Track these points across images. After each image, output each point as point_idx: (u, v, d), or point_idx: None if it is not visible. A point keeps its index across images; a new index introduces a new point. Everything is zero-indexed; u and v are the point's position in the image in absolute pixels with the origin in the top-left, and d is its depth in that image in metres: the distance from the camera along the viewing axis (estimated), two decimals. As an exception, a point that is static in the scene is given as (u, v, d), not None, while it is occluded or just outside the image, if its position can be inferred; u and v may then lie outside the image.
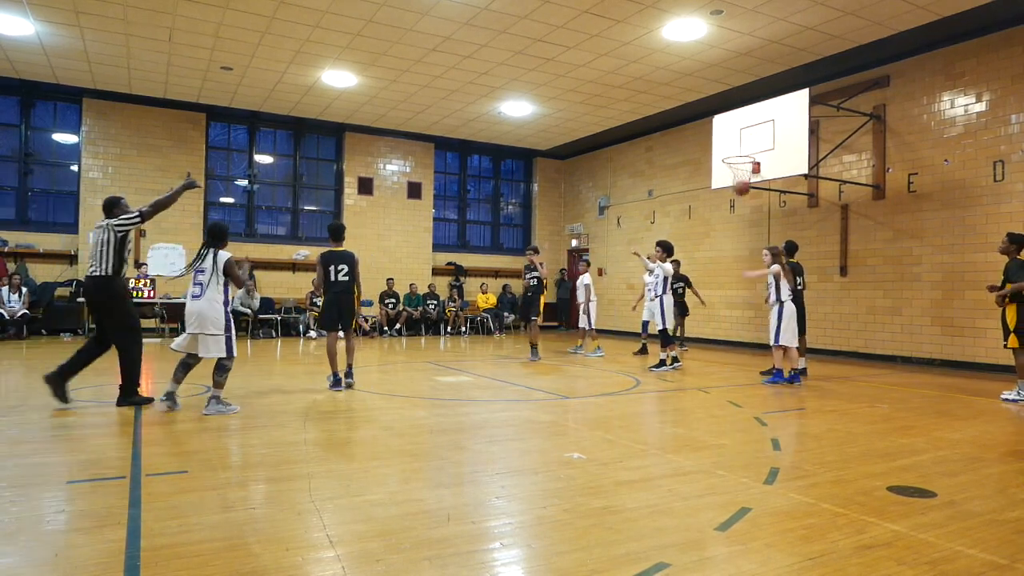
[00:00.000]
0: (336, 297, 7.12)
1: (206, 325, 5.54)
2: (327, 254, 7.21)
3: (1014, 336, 6.80)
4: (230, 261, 5.65)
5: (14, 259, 12.92)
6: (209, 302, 5.56)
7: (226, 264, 5.62)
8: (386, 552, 2.70)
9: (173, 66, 11.60)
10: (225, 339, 5.60)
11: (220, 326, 5.57)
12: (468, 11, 9.16)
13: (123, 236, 5.85)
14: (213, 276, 5.59)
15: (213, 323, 5.55)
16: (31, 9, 9.35)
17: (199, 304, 5.55)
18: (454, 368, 9.16)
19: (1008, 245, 7.06)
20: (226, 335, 5.60)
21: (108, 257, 5.78)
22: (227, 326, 5.61)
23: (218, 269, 5.60)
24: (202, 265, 5.63)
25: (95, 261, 5.80)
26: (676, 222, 14.79)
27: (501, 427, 5.38)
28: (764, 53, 10.45)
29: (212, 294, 5.57)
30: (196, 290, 5.59)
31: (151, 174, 13.84)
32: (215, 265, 5.61)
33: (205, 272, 5.60)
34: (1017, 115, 9.19)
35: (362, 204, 15.98)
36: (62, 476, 3.73)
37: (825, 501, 3.45)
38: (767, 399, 6.92)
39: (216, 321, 5.55)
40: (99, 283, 5.78)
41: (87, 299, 6.00)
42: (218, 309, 5.56)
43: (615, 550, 2.75)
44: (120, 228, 5.83)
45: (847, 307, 11.28)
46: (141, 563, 2.55)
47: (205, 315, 5.53)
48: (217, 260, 5.62)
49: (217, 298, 5.57)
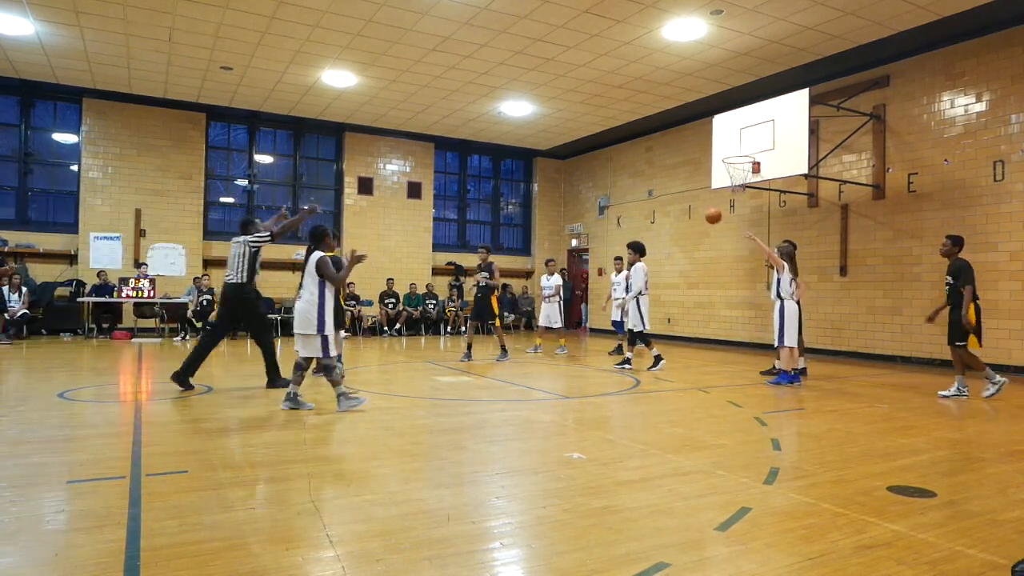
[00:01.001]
0: None
1: (303, 325, 5.69)
2: None
3: (974, 337, 6.97)
4: (320, 260, 5.73)
5: (14, 259, 12.92)
6: (306, 303, 5.70)
7: (317, 264, 5.71)
8: (386, 552, 2.70)
9: (173, 66, 11.61)
10: (321, 339, 5.68)
11: (314, 326, 5.65)
12: (468, 11, 9.16)
13: (255, 251, 6.84)
14: (309, 277, 5.73)
15: (308, 323, 5.67)
16: (31, 9, 9.34)
17: (298, 305, 5.76)
18: (454, 368, 9.16)
19: (951, 247, 7.22)
20: (321, 335, 5.67)
21: (243, 267, 6.77)
22: (321, 326, 5.66)
23: (311, 271, 5.73)
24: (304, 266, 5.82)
25: (232, 270, 6.77)
26: (676, 222, 14.79)
27: (501, 427, 5.38)
28: (764, 53, 10.45)
29: (308, 295, 5.71)
30: (300, 292, 5.80)
31: (151, 174, 13.85)
32: (308, 266, 5.76)
33: (305, 274, 5.77)
34: (1017, 115, 9.19)
35: (362, 204, 15.98)
36: (62, 476, 3.73)
37: (825, 501, 3.45)
38: (767, 399, 6.92)
39: (311, 321, 5.65)
40: (235, 288, 6.77)
41: (224, 301, 6.97)
42: (313, 310, 5.66)
43: (615, 550, 2.75)
44: (254, 244, 6.81)
45: (847, 307, 11.29)
46: (141, 563, 2.55)
47: (302, 315, 5.69)
48: (309, 261, 5.77)
49: (312, 299, 5.68)
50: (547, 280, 11.83)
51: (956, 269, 7.06)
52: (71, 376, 7.79)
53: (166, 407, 6.05)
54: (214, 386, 7.08)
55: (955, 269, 7.07)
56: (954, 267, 7.09)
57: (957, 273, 7.02)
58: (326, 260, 5.74)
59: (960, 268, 7.01)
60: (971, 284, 6.91)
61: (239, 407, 6.10)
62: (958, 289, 6.98)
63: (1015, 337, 9.14)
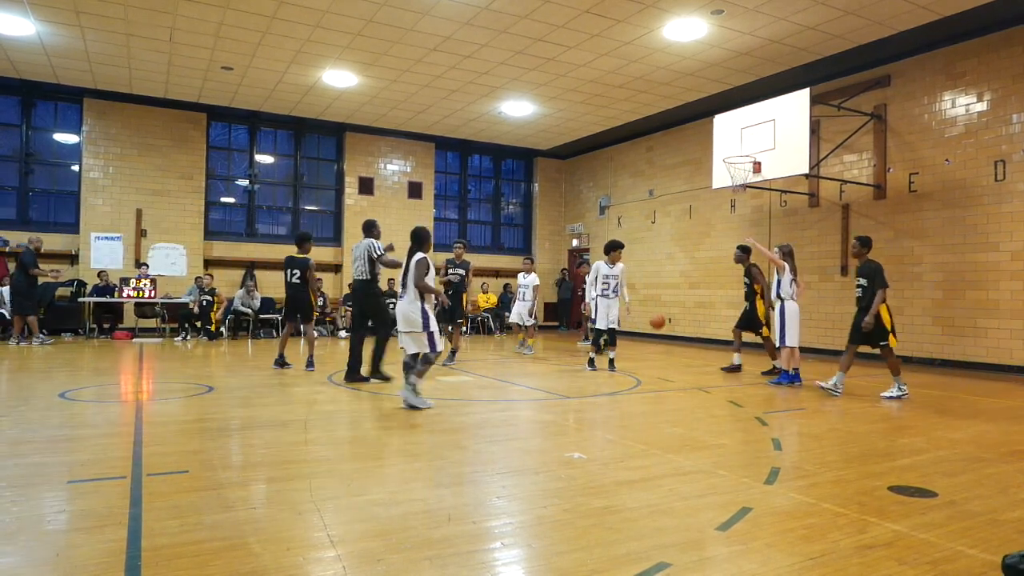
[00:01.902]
0: (290, 297, 8.62)
1: (408, 324, 5.82)
2: (287, 259, 8.67)
3: (892, 336, 7.04)
4: (418, 262, 5.85)
5: (15, 259, 12.93)
6: (408, 303, 5.82)
7: (414, 265, 5.85)
8: (387, 552, 2.70)
9: (174, 66, 11.61)
10: (427, 335, 5.79)
11: (418, 324, 5.77)
12: (468, 11, 9.16)
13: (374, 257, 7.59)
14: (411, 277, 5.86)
15: (413, 322, 5.80)
16: (32, 9, 9.35)
17: (400, 305, 5.88)
18: (454, 368, 9.16)
19: (860, 248, 7.27)
20: (427, 332, 5.78)
21: (366, 267, 7.57)
22: (425, 324, 5.78)
23: (411, 270, 5.85)
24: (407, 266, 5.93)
25: (357, 270, 7.62)
26: (677, 222, 14.79)
27: (501, 427, 5.38)
28: (765, 53, 10.45)
29: (411, 295, 5.81)
30: (401, 291, 5.94)
31: (152, 174, 13.86)
32: (411, 268, 5.87)
33: (408, 275, 5.90)
34: (1018, 115, 9.18)
35: (363, 204, 15.98)
36: (63, 476, 3.73)
37: (826, 501, 3.45)
38: (768, 399, 6.91)
39: (415, 320, 5.78)
40: (363, 284, 7.59)
41: (353, 296, 7.91)
42: (416, 308, 5.77)
43: (615, 550, 2.75)
44: (374, 250, 7.59)
45: (848, 307, 11.22)
46: (142, 563, 2.55)
47: (405, 315, 5.82)
48: (410, 262, 5.88)
49: (415, 299, 5.80)
50: (524, 278, 11.67)
51: (869, 271, 7.07)
52: (72, 376, 7.80)
53: (167, 407, 6.06)
54: (215, 386, 7.08)
55: (868, 271, 7.08)
56: (866, 269, 7.11)
57: (871, 275, 7.05)
58: (421, 263, 5.85)
59: (874, 271, 7.04)
60: (885, 286, 6.97)
61: (240, 407, 6.10)
62: (871, 291, 7.02)
63: (1016, 337, 9.13)
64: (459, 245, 9.95)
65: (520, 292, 11.69)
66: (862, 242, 7.28)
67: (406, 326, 5.83)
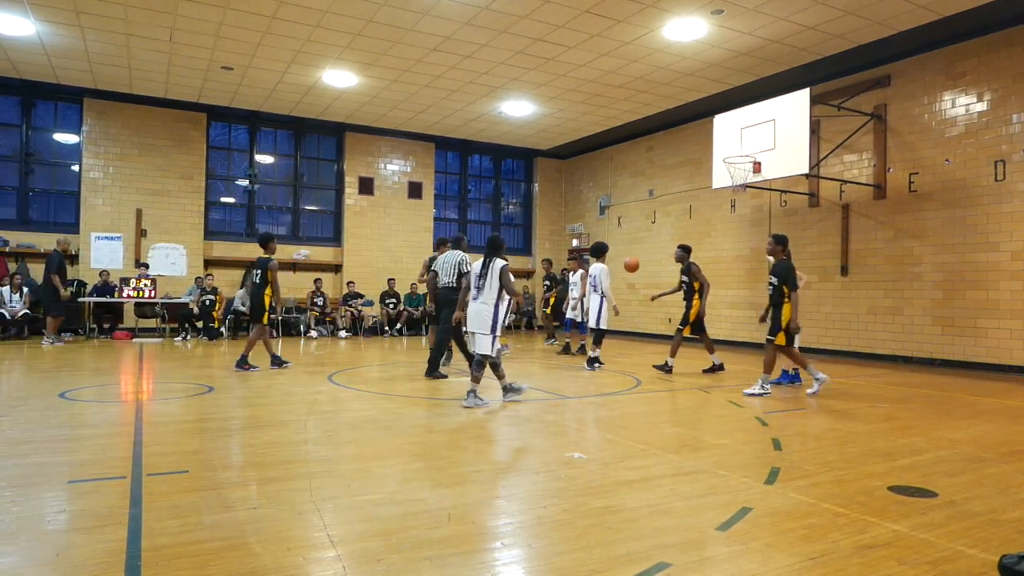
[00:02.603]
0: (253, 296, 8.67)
1: (479, 324, 6.17)
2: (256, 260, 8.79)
3: (783, 334, 7.06)
4: (504, 269, 6.20)
5: (15, 259, 12.94)
6: (483, 304, 6.17)
7: (500, 272, 6.17)
8: (387, 552, 2.70)
9: (174, 66, 11.61)
10: (491, 339, 6.14)
11: (488, 327, 6.12)
12: (468, 11, 9.16)
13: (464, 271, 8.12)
14: (488, 282, 6.17)
15: (483, 323, 6.14)
16: (32, 9, 9.35)
17: (475, 306, 6.23)
18: (454, 368, 9.15)
19: (774, 247, 7.31)
20: (492, 335, 6.13)
21: (454, 277, 8.27)
22: (493, 327, 6.13)
23: (493, 276, 6.17)
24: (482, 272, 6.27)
25: (446, 276, 8.36)
26: (677, 222, 14.79)
27: (501, 427, 5.38)
28: (765, 53, 10.45)
29: (487, 298, 6.16)
30: (475, 293, 6.26)
31: (152, 174, 13.86)
32: (491, 273, 6.19)
33: (485, 278, 6.21)
34: (1018, 114, 9.18)
35: (363, 204, 15.99)
36: (63, 476, 3.73)
37: (826, 501, 3.45)
38: (768, 399, 6.91)
39: (486, 321, 6.12)
40: (448, 291, 8.25)
41: (438, 300, 8.48)
42: (489, 311, 6.12)
43: (616, 550, 2.75)
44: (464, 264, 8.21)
45: (848, 307, 11.28)
46: (142, 563, 2.55)
47: (479, 316, 6.18)
48: (492, 268, 6.19)
49: (490, 301, 6.15)
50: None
51: (781, 270, 7.12)
52: (72, 376, 7.80)
53: (167, 407, 6.06)
54: (215, 386, 7.08)
55: (780, 270, 7.14)
56: (779, 268, 7.16)
57: (783, 275, 7.10)
58: (508, 270, 6.24)
59: (786, 270, 7.10)
60: (794, 289, 7.02)
61: (240, 407, 6.11)
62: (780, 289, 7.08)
63: (1016, 337, 9.13)
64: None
65: None
66: (777, 239, 7.31)
67: (477, 326, 6.18)
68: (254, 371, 8.31)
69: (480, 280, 6.24)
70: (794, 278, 7.04)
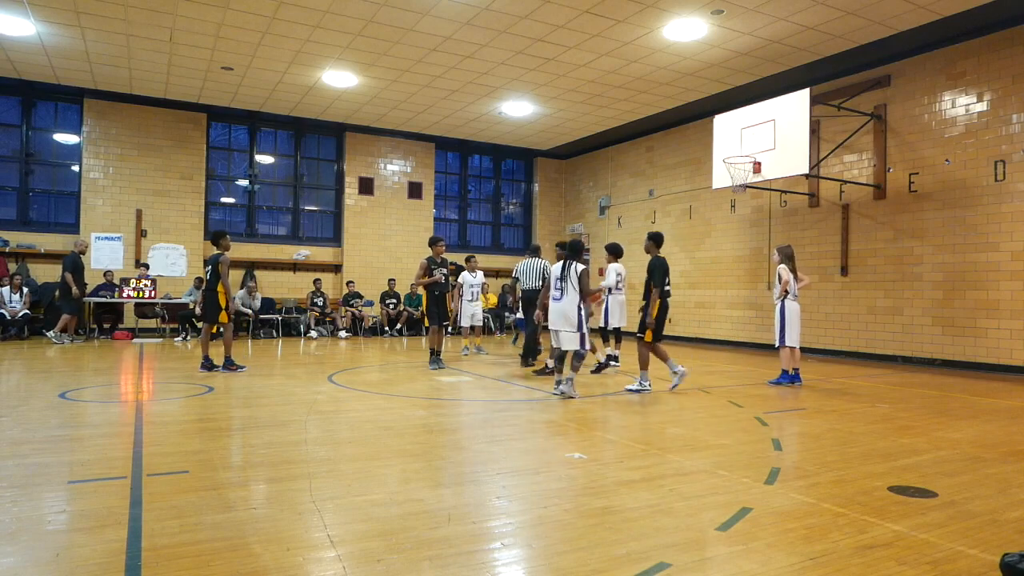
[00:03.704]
0: (205, 296, 8.49)
1: (563, 323, 6.55)
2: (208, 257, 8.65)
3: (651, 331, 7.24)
4: (584, 272, 6.58)
5: (15, 259, 12.93)
6: (567, 305, 6.54)
7: (580, 275, 6.54)
8: (387, 552, 2.70)
9: (174, 66, 11.61)
10: (579, 336, 6.53)
11: (574, 325, 6.49)
12: (468, 11, 9.16)
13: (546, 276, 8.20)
14: (569, 283, 6.52)
15: (569, 322, 6.52)
16: (32, 9, 9.35)
17: (559, 305, 6.60)
18: (454, 368, 9.16)
19: (650, 244, 7.50)
20: (579, 332, 6.53)
21: (537, 279, 9.10)
22: (580, 324, 6.52)
23: (572, 279, 6.52)
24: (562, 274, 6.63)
25: (529, 281, 9.21)
26: (677, 222, 14.79)
27: (501, 427, 5.38)
28: (765, 53, 10.45)
29: (570, 298, 6.52)
30: (556, 294, 6.64)
31: (152, 174, 13.86)
32: (570, 275, 6.55)
33: (565, 280, 6.57)
34: (1018, 114, 9.18)
35: (363, 204, 15.99)
36: (63, 476, 3.73)
37: (826, 501, 3.45)
38: (768, 399, 6.91)
39: (571, 320, 6.50)
40: (533, 293, 9.05)
41: (526, 301, 9.36)
42: (573, 310, 6.50)
43: (616, 550, 2.75)
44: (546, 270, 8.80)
45: (848, 307, 11.28)
46: (142, 563, 2.55)
47: (564, 314, 6.55)
48: (572, 270, 6.56)
49: (573, 301, 6.51)
50: (472, 278, 11.47)
51: (650, 267, 7.28)
52: (72, 376, 7.80)
53: (167, 407, 6.06)
54: (215, 386, 7.08)
55: (650, 267, 7.29)
56: (650, 265, 7.30)
57: (651, 271, 7.25)
58: (586, 272, 6.59)
59: (654, 267, 7.24)
60: (660, 284, 7.15)
61: (240, 407, 6.11)
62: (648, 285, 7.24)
63: (1016, 337, 9.13)
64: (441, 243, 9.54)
65: (471, 292, 11.46)
66: (651, 237, 7.55)
67: (564, 325, 6.54)
68: (241, 371, 8.32)
69: (560, 282, 6.60)
70: (660, 276, 7.17)
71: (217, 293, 8.23)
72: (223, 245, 8.43)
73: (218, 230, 8.70)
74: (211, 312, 8.34)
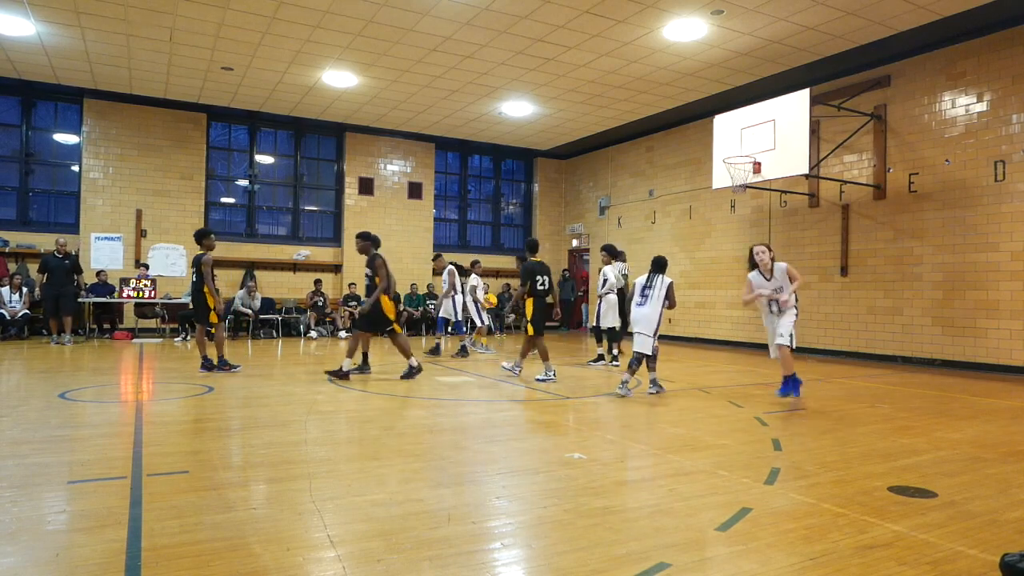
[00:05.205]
0: (193, 297, 8.37)
1: (646, 327, 7.05)
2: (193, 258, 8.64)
3: (531, 326, 8.02)
4: (672, 286, 7.17)
5: (15, 259, 12.93)
6: (652, 311, 7.06)
7: (668, 287, 7.14)
8: (387, 552, 2.70)
9: (173, 66, 11.61)
10: (652, 340, 7.05)
11: (652, 330, 7.04)
12: (468, 11, 9.16)
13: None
14: (656, 293, 7.11)
15: (648, 326, 7.04)
16: (32, 9, 9.35)
17: (643, 310, 7.11)
18: (454, 368, 9.16)
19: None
20: (653, 337, 7.04)
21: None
22: (656, 331, 7.07)
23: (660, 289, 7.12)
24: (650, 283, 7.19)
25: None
26: (677, 222, 14.79)
27: (501, 427, 5.38)
28: (765, 53, 10.45)
29: (654, 305, 7.06)
30: (640, 300, 7.18)
31: (152, 174, 13.86)
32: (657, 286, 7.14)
33: (650, 289, 7.16)
34: (1018, 115, 9.18)
35: (363, 204, 15.99)
36: (63, 476, 3.73)
37: (826, 501, 3.44)
38: (768, 399, 6.91)
39: (651, 325, 7.04)
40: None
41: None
42: (655, 317, 7.06)
43: (616, 550, 2.75)
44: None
45: (848, 307, 11.28)
46: (142, 563, 2.55)
47: (646, 319, 7.05)
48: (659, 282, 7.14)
49: (657, 309, 7.07)
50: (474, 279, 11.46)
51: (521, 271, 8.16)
52: (72, 376, 7.80)
53: (167, 407, 6.06)
54: (215, 386, 7.08)
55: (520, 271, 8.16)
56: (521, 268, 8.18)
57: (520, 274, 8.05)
58: (673, 287, 7.20)
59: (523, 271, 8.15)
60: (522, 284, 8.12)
61: (240, 407, 6.11)
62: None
63: (1016, 337, 9.13)
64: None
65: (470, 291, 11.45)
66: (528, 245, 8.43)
67: (644, 329, 7.05)
68: (236, 370, 8.27)
69: (646, 290, 7.17)
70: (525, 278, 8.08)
71: (204, 294, 8.13)
72: (206, 245, 8.29)
73: (202, 229, 8.56)
74: (201, 313, 8.23)
